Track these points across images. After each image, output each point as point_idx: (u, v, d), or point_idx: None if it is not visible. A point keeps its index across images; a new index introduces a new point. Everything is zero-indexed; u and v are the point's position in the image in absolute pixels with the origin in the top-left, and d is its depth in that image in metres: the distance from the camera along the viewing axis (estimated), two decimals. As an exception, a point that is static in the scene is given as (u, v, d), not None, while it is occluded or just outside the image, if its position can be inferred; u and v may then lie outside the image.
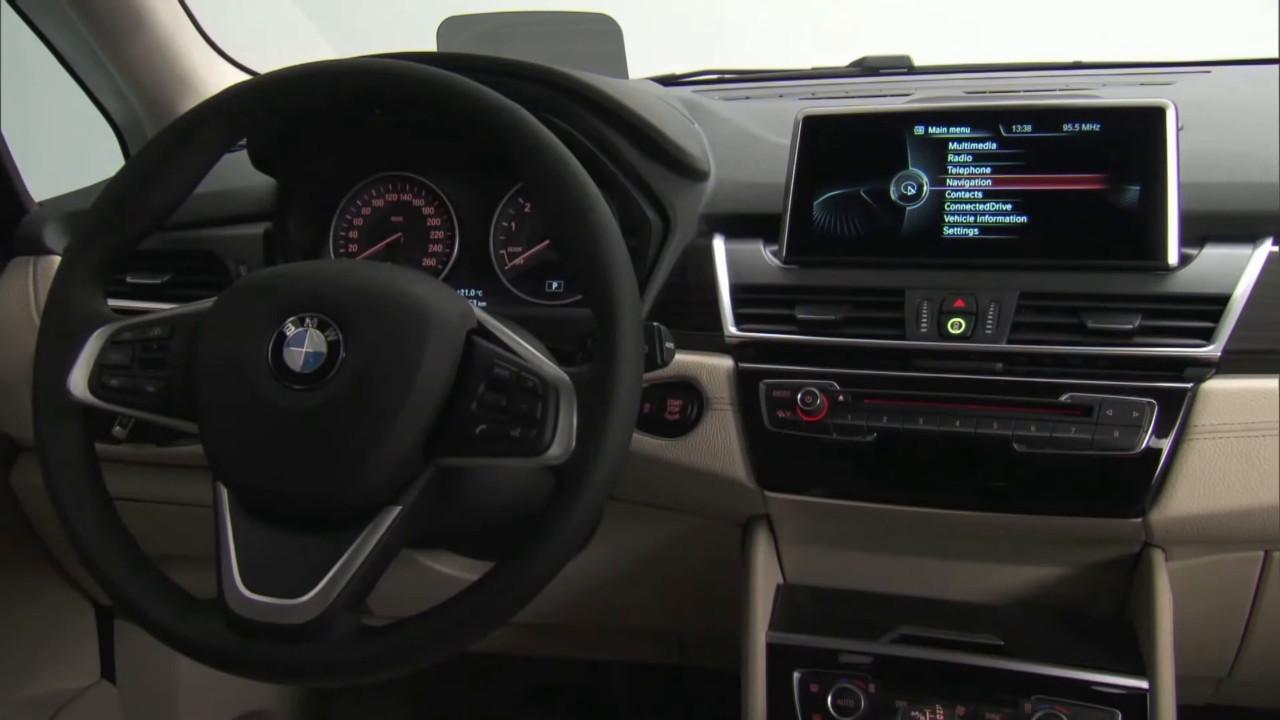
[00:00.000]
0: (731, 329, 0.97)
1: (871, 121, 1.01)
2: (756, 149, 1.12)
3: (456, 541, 1.14)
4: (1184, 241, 0.90)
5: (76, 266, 0.83)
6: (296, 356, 0.74)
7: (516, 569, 0.72)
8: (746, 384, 0.96)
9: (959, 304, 0.92)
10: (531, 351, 0.76)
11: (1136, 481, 0.87)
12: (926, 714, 0.92)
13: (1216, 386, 0.86)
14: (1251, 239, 0.90)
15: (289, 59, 0.86)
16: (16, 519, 1.33)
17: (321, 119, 1.07)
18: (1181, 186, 0.90)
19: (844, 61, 1.46)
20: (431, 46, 1.40)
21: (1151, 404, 0.86)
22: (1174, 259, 0.89)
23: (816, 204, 0.99)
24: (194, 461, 1.02)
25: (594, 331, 0.74)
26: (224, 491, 0.76)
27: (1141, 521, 0.88)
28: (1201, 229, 0.91)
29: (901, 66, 1.42)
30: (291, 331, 0.74)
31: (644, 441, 0.98)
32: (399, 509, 0.73)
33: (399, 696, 1.79)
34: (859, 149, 1.00)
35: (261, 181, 1.14)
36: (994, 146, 0.96)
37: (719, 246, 1.01)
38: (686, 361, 0.97)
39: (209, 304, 0.80)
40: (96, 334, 0.81)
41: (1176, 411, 0.86)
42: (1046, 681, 0.91)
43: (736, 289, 0.99)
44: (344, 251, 1.15)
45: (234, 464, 0.75)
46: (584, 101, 1.02)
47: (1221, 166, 0.97)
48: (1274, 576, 0.95)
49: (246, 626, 0.73)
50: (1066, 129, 0.94)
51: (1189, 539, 0.91)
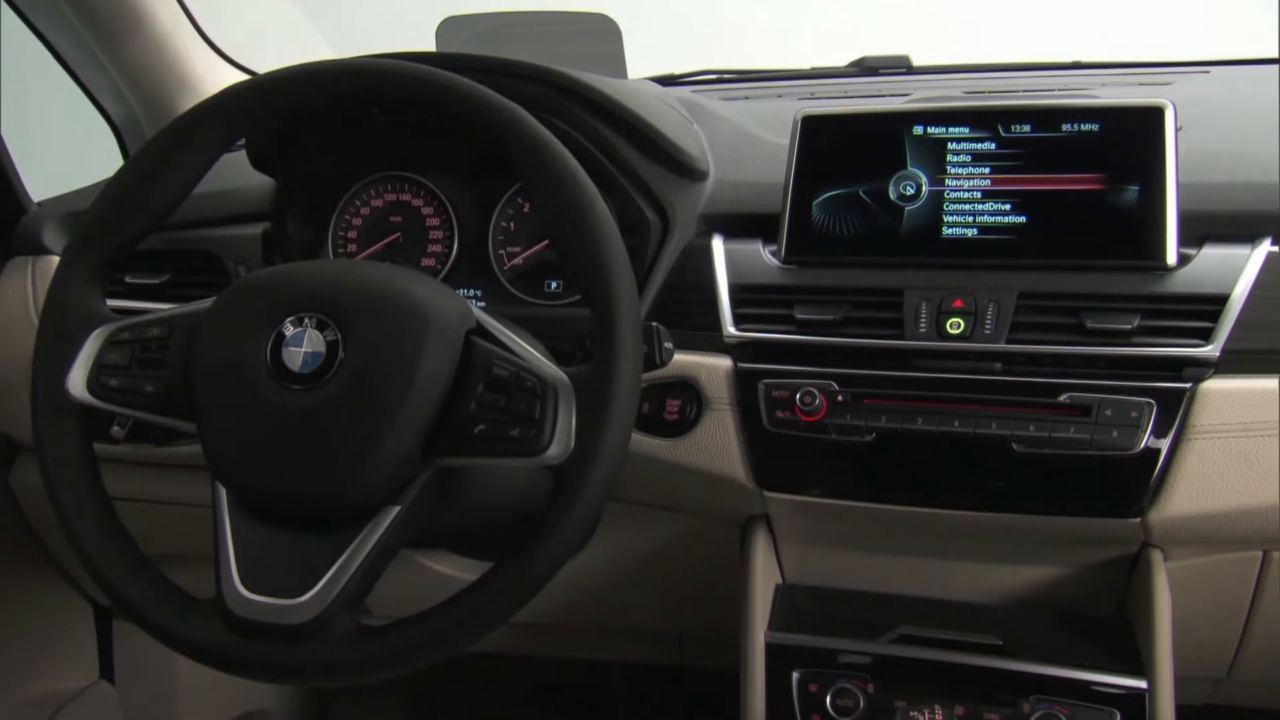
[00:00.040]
0: (730, 329, 0.97)
1: (870, 121, 1.01)
2: (755, 149, 1.12)
3: (455, 541, 1.14)
4: (1183, 241, 0.90)
5: (75, 266, 0.83)
6: (295, 356, 0.74)
7: (515, 569, 0.72)
8: (745, 384, 0.96)
9: (958, 304, 0.92)
10: (530, 351, 0.76)
11: (1135, 481, 0.87)
12: (925, 714, 0.92)
13: (1215, 386, 0.86)
14: (1250, 239, 0.90)
15: (288, 59, 0.86)
16: (15, 519, 1.33)
17: (320, 119, 1.07)
18: (1180, 186, 0.90)
19: (843, 61, 1.46)
20: (430, 46, 1.40)
21: (1150, 404, 0.86)
22: (1173, 259, 0.89)
23: (815, 204, 0.99)
24: (193, 461, 1.02)
25: (593, 331, 0.74)
26: (223, 491, 0.76)
27: (1140, 521, 0.88)
28: (1200, 229, 0.91)
29: (900, 66, 1.42)
30: (290, 331, 0.74)
31: (643, 441, 0.98)
32: (398, 509, 0.73)
33: (398, 696, 1.79)
34: (858, 149, 0.99)
35: (260, 181, 1.14)
36: (993, 146, 0.96)
37: (718, 246, 1.01)
38: (685, 361, 0.97)
39: (208, 304, 0.80)
40: (95, 334, 0.81)
41: (1175, 411, 0.86)
42: (1045, 681, 0.91)
43: (735, 289, 0.99)
44: (343, 251, 1.15)
45: (233, 464, 0.75)
46: (583, 101, 1.02)
47: (1220, 166, 0.97)
48: (1272, 576, 0.95)
49: (245, 626, 0.72)
50: (1065, 129, 0.94)
51: (1188, 539, 0.91)
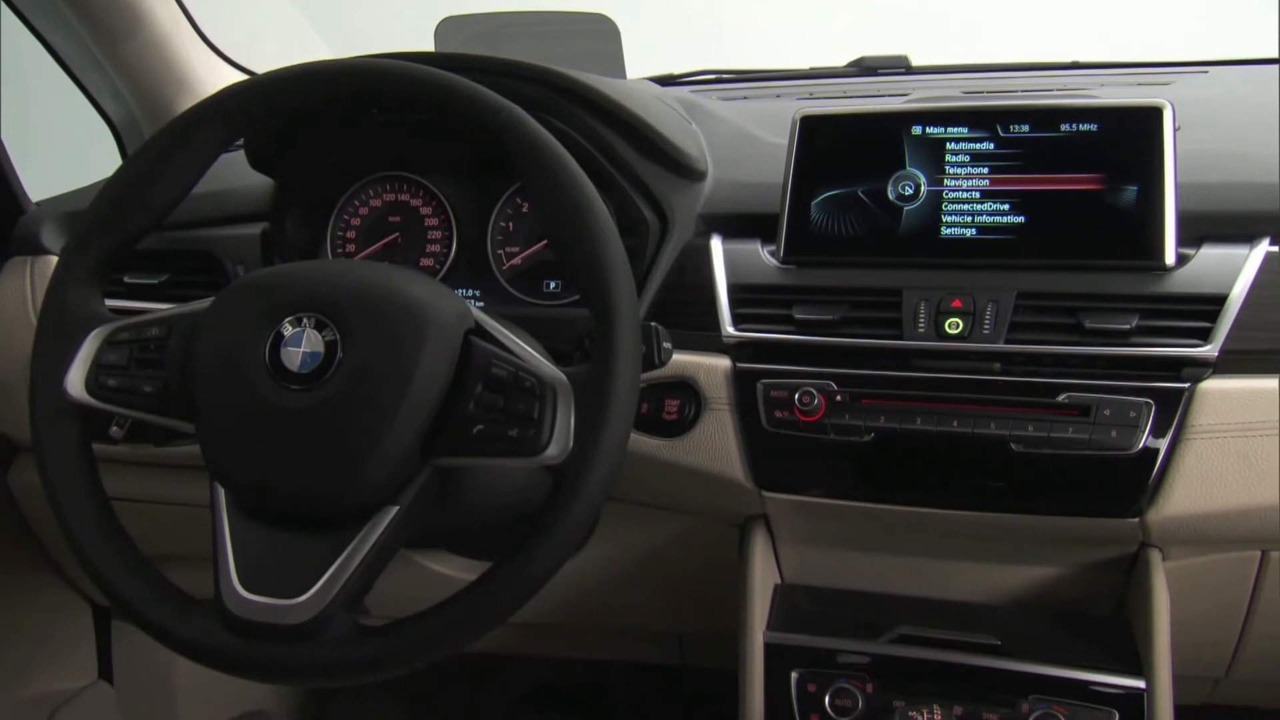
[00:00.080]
0: (729, 329, 0.97)
1: (869, 121, 1.01)
2: (754, 149, 1.12)
3: (454, 541, 1.14)
4: (1181, 241, 0.90)
5: (74, 266, 0.83)
6: (294, 356, 0.73)
7: (514, 569, 0.72)
8: (744, 384, 0.95)
9: (956, 304, 0.92)
10: (529, 351, 0.75)
11: (1134, 481, 0.87)
12: (924, 714, 0.92)
13: (1213, 386, 0.86)
14: (1249, 239, 0.90)
15: (287, 59, 0.86)
16: (14, 519, 1.33)
17: (319, 119, 1.07)
18: (1179, 186, 0.90)
19: (842, 61, 1.46)
20: (429, 46, 1.40)
21: (1149, 404, 0.86)
22: (1171, 259, 0.89)
23: (814, 204, 0.99)
24: (191, 461, 1.02)
25: (591, 331, 0.74)
26: (221, 491, 0.76)
27: (1139, 521, 0.88)
28: (1199, 229, 0.91)
29: (899, 66, 1.42)
30: (289, 331, 0.74)
31: (642, 441, 0.98)
32: (396, 509, 0.73)
33: (397, 696, 1.79)
34: (857, 149, 0.99)
35: (259, 181, 1.14)
36: (991, 146, 0.96)
37: (716, 246, 1.01)
38: (684, 361, 0.97)
39: (206, 304, 0.80)
40: (94, 334, 0.81)
41: (1174, 411, 0.86)
42: (1044, 681, 0.91)
43: (734, 289, 0.99)
44: (341, 251, 1.15)
45: (231, 464, 0.75)
46: (581, 101, 1.02)
47: (1219, 166, 0.97)
48: (1271, 576, 0.95)
49: (244, 627, 0.72)
50: (1064, 129, 0.94)
51: (1186, 539, 0.91)
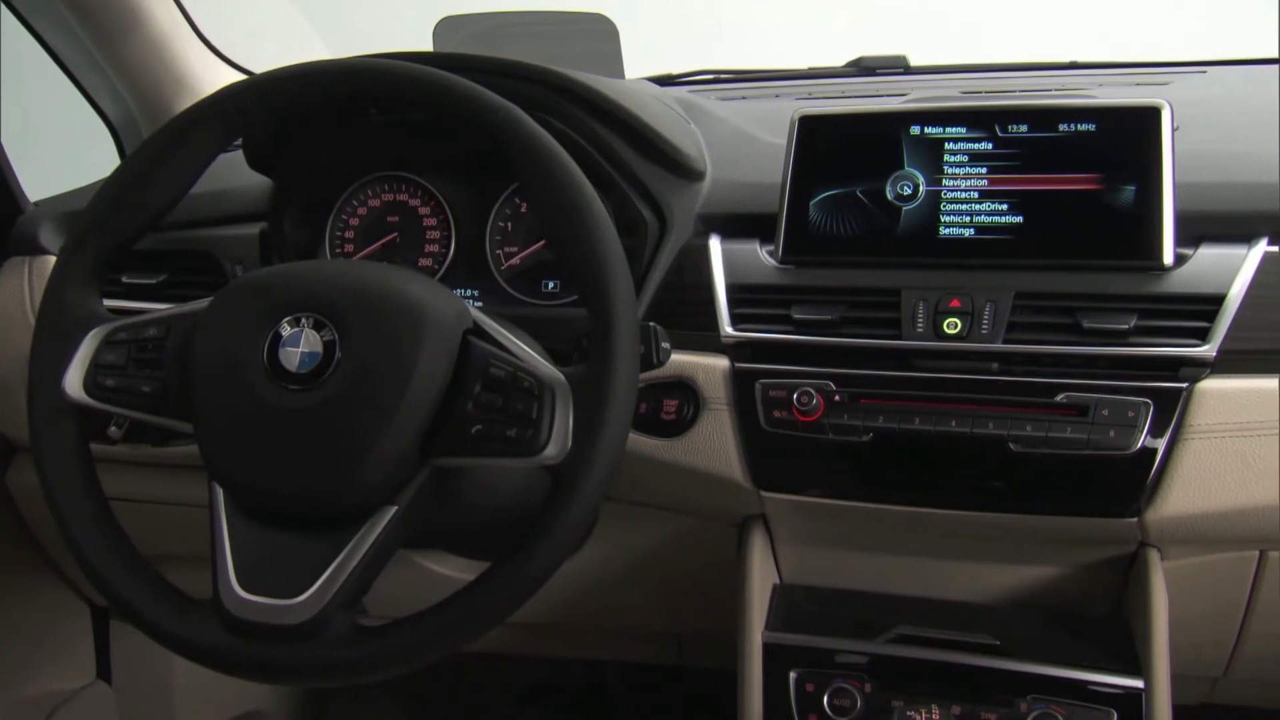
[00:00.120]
0: (728, 329, 0.97)
1: (867, 121, 1.01)
2: (753, 149, 1.12)
3: (453, 541, 1.14)
4: (1180, 241, 0.90)
5: (72, 266, 0.83)
6: (292, 356, 0.73)
7: (513, 569, 0.72)
8: (743, 384, 0.95)
9: (955, 304, 0.92)
10: (527, 351, 0.75)
11: (1132, 481, 0.87)
12: (922, 714, 0.92)
13: (1212, 386, 0.87)
14: (1247, 239, 0.90)
15: (285, 59, 0.86)
16: (12, 519, 1.33)
17: (317, 119, 1.07)
18: (1177, 186, 0.90)
19: (840, 62, 1.46)
20: (428, 46, 1.40)
21: (1147, 404, 0.86)
22: (1169, 259, 0.89)
23: (813, 204, 0.99)
24: (190, 461, 1.02)
25: (590, 331, 0.74)
26: (219, 492, 0.76)
27: (1137, 521, 0.89)
28: (1197, 229, 0.91)
29: (898, 66, 1.42)
30: (287, 331, 0.74)
31: (640, 442, 0.98)
32: (395, 509, 0.73)
33: (396, 696, 1.79)
34: (855, 149, 0.99)
35: (257, 181, 1.14)
36: (990, 146, 0.96)
37: (715, 246, 1.01)
38: (682, 361, 0.97)
39: (204, 304, 0.80)
40: (92, 334, 0.81)
41: (1172, 411, 0.86)
42: (1042, 681, 0.91)
43: (733, 289, 0.99)
44: (340, 251, 1.15)
45: (230, 464, 0.75)
46: (580, 101, 1.02)
47: (1217, 166, 0.97)
48: (1269, 576, 0.95)
49: (242, 627, 0.72)
50: (1062, 129, 0.94)
51: (1184, 538, 0.91)
